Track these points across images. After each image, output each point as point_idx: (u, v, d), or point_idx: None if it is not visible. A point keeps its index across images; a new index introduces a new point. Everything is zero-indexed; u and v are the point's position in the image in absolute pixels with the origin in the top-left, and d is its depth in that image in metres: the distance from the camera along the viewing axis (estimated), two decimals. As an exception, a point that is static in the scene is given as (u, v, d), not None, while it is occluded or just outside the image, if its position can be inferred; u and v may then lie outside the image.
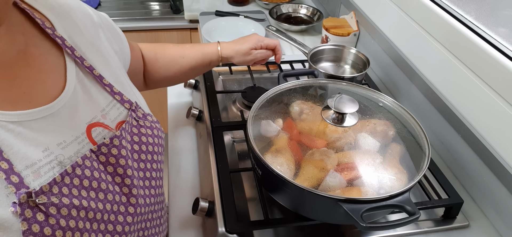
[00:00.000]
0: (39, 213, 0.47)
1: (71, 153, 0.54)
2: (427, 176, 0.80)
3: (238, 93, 1.03)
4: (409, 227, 0.73)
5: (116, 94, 0.63)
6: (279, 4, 1.61)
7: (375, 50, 1.17)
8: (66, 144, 0.54)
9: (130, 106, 0.65)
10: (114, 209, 0.56)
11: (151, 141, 0.65)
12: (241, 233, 0.68)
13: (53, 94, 0.55)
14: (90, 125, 0.58)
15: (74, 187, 0.52)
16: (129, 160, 0.59)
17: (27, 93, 0.53)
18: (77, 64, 0.60)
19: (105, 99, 0.62)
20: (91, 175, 0.54)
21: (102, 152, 0.57)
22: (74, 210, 0.51)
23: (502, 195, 0.74)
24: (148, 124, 0.66)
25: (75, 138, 0.55)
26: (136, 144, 0.63)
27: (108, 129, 0.60)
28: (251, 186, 0.81)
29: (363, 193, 0.62)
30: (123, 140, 0.59)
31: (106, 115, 0.61)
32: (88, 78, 0.61)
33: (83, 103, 0.58)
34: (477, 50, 0.76)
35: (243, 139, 0.91)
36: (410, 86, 1.01)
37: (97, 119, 0.59)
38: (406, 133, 0.73)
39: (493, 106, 0.74)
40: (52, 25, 0.59)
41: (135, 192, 0.59)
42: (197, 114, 0.95)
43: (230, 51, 0.91)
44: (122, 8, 1.89)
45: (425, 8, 0.91)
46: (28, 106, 0.51)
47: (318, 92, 0.83)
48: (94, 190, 0.54)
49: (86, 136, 0.57)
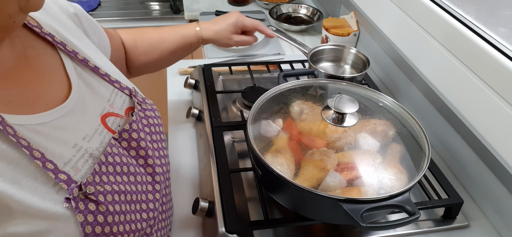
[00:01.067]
0: (91, 203, 0.50)
1: (97, 144, 0.56)
2: (427, 176, 0.80)
3: (238, 93, 1.03)
4: (409, 227, 0.73)
5: (114, 83, 0.65)
6: (279, 4, 1.61)
7: (375, 50, 1.17)
8: (90, 137, 0.56)
9: (130, 92, 0.66)
10: (143, 188, 0.59)
11: (156, 122, 0.68)
12: (241, 233, 0.68)
13: (62, 93, 0.56)
14: (103, 116, 0.60)
15: (110, 174, 0.54)
16: (148, 141, 0.62)
17: (42, 95, 0.54)
18: (72, 59, 0.60)
19: (107, 89, 0.63)
20: (120, 161, 0.56)
21: (123, 138, 0.59)
22: (116, 195, 0.53)
23: (502, 195, 0.74)
24: (149, 107, 0.68)
25: (95, 130, 0.57)
26: (146, 126, 0.65)
27: (120, 117, 0.62)
28: (251, 186, 0.81)
29: (363, 193, 0.62)
30: (139, 124, 0.62)
31: (113, 104, 0.62)
32: (86, 71, 0.61)
33: (89, 97, 0.59)
34: (477, 50, 0.76)
35: (243, 139, 0.91)
36: (410, 86, 1.01)
37: (106, 109, 0.61)
38: (406, 133, 0.73)
39: (493, 106, 0.74)
40: (38, 23, 0.59)
41: (158, 170, 0.62)
42: (197, 114, 0.95)
43: (210, 33, 0.89)
44: (122, 8, 1.89)
45: (425, 8, 0.91)
46: (46, 107, 0.53)
47: (318, 92, 0.83)
48: (125, 174, 0.57)
49: (104, 127, 0.59)
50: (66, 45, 0.60)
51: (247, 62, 1.16)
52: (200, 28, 0.88)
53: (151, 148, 0.63)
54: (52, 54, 0.59)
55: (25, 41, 0.56)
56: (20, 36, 0.56)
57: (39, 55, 0.57)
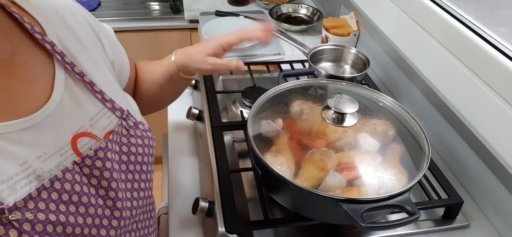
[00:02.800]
0: (12, 230, 0.46)
1: (51, 166, 0.52)
2: (427, 176, 0.80)
3: (238, 93, 1.03)
4: (409, 227, 0.73)
5: (107, 102, 0.60)
6: (279, 4, 1.61)
7: (375, 50, 1.17)
8: (47, 156, 0.52)
9: (122, 114, 0.62)
10: (96, 222, 0.54)
11: (140, 151, 0.62)
12: (241, 233, 0.68)
13: (37, 105, 0.52)
14: (76, 136, 0.55)
15: (51, 202, 0.50)
16: (114, 172, 0.57)
17: (9, 104, 0.50)
18: (67, 71, 0.57)
19: (95, 107, 0.59)
20: (71, 189, 0.52)
21: (86, 164, 0.54)
22: (50, 225, 0.49)
23: (502, 195, 0.74)
24: (139, 133, 0.63)
25: (57, 150, 0.53)
26: (124, 154, 0.60)
27: (96, 139, 0.57)
28: (251, 186, 0.81)
29: (363, 193, 0.62)
30: (109, 152, 0.57)
31: (94, 124, 0.58)
32: (78, 85, 0.58)
33: (70, 112, 0.56)
34: (477, 50, 0.76)
35: (243, 139, 0.91)
36: (410, 86, 1.01)
37: (84, 128, 0.56)
38: (406, 133, 0.73)
39: (493, 106, 0.74)
40: (43, 30, 0.56)
41: (119, 205, 0.57)
42: (197, 114, 0.95)
43: (184, 57, 0.76)
44: (122, 8, 1.89)
45: (425, 8, 0.91)
46: (9, 118, 0.49)
47: (318, 92, 0.83)
48: (74, 204, 0.52)
49: (70, 147, 0.54)
50: (66, 56, 0.57)
51: (247, 62, 1.16)
52: (175, 55, 0.77)
53: (117, 179, 0.57)
54: (45, 63, 0.56)
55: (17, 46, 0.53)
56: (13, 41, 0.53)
57: (27, 63, 0.54)
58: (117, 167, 0.58)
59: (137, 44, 1.79)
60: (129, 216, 0.59)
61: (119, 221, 0.57)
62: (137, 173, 0.61)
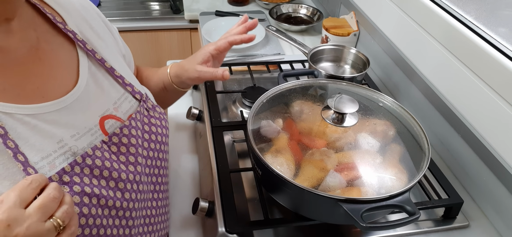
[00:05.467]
0: None
1: (84, 144, 0.56)
2: (427, 176, 0.80)
3: (238, 93, 1.03)
4: (409, 227, 0.73)
5: (127, 86, 0.66)
6: (279, 4, 1.61)
7: (375, 50, 1.17)
8: (79, 136, 0.56)
9: (141, 97, 0.67)
10: (126, 196, 0.58)
11: (160, 131, 0.68)
12: (241, 233, 0.68)
13: (65, 89, 0.57)
14: (103, 118, 0.60)
15: (85, 176, 0.54)
16: (139, 148, 0.62)
17: (41, 88, 0.55)
18: (89, 57, 0.62)
19: (117, 91, 0.64)
20: (102, 165, 0.56)
21: (113, 142, 0.59)
22: (86, 197, 0.53)
23: (502, 195, 0.74)
24: (157, 115, 0.69)
25: (88, 130, 0.57)
26: (146, 133, 0.65)
27: (120, 121, 0.62)
28: (251, 186, 0.81)
29: (363, 193, 0.62)
30: (133, 129, 0.62)
31: (118, 108, 0.63)
32: (101, 71, 0.63)
33: (96, 96, 0.60)
34: (477, 50, 0.76)
35: (243, 139, 0.91)
36: (410, 86, 1.01)
37: (109, 111, 0.61)
38: (406, 133, 0.73)
39: (493, 106, 0.74)
40: (63, 20, 0.61)
41: (145, 179, 0.62)
42: (197, 114, 0.95)
43: (177, 69, 0.80)
44: (122, 8, 1.89)
45: (425, 8, 0.91)
46: (42, 100, 0.54)
47: (318, 92, 0.83)
48: (105, 178, 0.56)
49: (99, 128, 0.59)
50: (86, 43, 0.62)
51: (247, 62, 1.16)
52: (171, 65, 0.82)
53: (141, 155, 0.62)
54: (69, 50, 0.60)
55: (42, 35, 0.58)
56: (38, 30, 0.58)
57: (53, 50, 0.58)
58: (141, 144, 0.63)
59: (137, 44, 1.79)
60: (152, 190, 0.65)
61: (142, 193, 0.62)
62: (157, 152, 0.66)
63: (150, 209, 0.66)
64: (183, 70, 0.79)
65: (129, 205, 0.59)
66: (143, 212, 0.64)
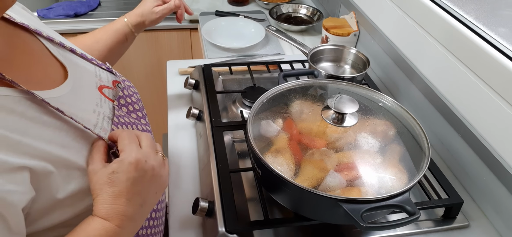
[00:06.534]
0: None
1: (107, 110, 0.61)
2: (427, 176, 0.80)
3: (238, 93, 1.03)
4: (409, 227, 0.73)
5: (92, 61, 0.68)
6: (279, 4, 1.61)
7: (375, 50, 1.17)
8: (100, 104, 0.60)
9: (107, 68, 0.70)
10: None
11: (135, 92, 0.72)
12: (241, 233, 0.68)
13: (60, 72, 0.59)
14: (99, 88, 0.63)
15: None
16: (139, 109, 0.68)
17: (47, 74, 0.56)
18: (52, 43, 0.62)
19: (90, 66, 0.66)
20: (128, 122, 0.62)
21: (122, 104, 0.64)
22: None
23: (502, 195, 0.74)
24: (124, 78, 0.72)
25: (100, 99, 0.61)
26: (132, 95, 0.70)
27: (112, 88, 0.66)
28: (251, 186, 0.81)
29: (363, 193, 0.62)
30: (125, 90, 0.67)
31: (101, 78, 0.66)
32: (67, 53, 0.64)
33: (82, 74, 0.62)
34: (477, 50, 0.76)
35: (243, 139, 0.91)
36: (410, 86, 1.01)
37: (99, 83, 0.64)
38: (406, 133, 0.73)
39: (493, 106, 0.74)
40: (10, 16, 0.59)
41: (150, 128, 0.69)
42: (197, 114, 0.95)
43: (136, 16, 0.91)
44: (122, 8, 1.88)
45: (425, 8, 0.91)
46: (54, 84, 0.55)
47: (318, 92, 0.83)
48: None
49: (104, 97, 0.62)
50: (41, 32, 0.62)
51: (247, 62, 1.16)
52: (127, 18, 0.91)
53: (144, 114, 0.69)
54: (34, 41, 0.60)
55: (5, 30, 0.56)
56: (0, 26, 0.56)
57: (25, 42, 0.58)
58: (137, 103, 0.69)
59: (137, 44, 1.78)
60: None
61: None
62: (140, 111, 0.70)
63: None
64: (142, 17, 0.91)
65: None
66: None
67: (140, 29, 0.92)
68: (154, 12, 0.91)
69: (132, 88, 0.71)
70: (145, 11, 0.91)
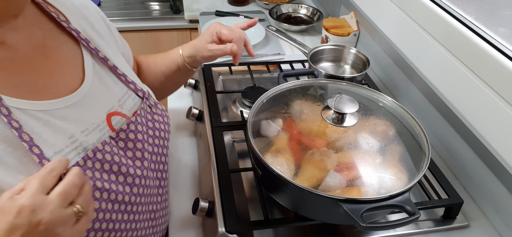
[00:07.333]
0: None
1: (94, 140, 0.57)
2: (427, 176, 0.80)
3: (238, 93, 1.03)
4: (409, 227, 0.73)
5: (130, 83, 0.67)
6: (279, 4, 1.61)
7: (375, 50, 1.17)
8: (89, 131, 0.57)
9: (143, 94, 0.68)
10: (134, 191, 0.60)
11: (163, 127, 0.69)
12: (241, 233, 0.68)
13: (73, 86, 0.58)
14: (110, 114, 0.61)
15: (96, 171, 0.55)
16: (145, 144, 0.64)
17: (50, 85, 0.56)
18: (93, 56, 0.63)
19: (121, 89, 0.65)
20: (111, 159, 0.57)
21: (120, 138, 0.60)
22: (97, 191, 0.54)
23: (502, 195, 0.74)
24: (159, 112, 0.70)
25: (96, 125, 0.58)
26: (150, 129, 0.66)
27: (126, 118, 0.63)
28: (251, 186, 0.81)
29: (363, 193, 0.62)
30: (138, 125, 0.63)
31: (122, 105, 0.64)
32: (104, 70, 0.64)
33: (101, 93, 0.61)
34: (477, 50, 0.76)
35: (243, 139, 0.91)
36: (410, 86, 1.01)
37: (115, 108, 0.62)
38: (406, 133, 0.73)
39: (493, 106, 0.74)
40: (66, 18, 0.62)
41: (151, 174, 0.64)
42: (197, 114, 0.95)
43: (190, 48, 0.86)
44: (122, 8, 1.89)
45: (425, 8, 0.91)
46: (52, 97, 0.55)
47: (318, 92, 0.83)
48: (114, 173, 0.57)
49: (107, 124, 0.60)
50: (90, 42, 0.63)
51: (247, 62, 1.16)
52: (183, 47, 0.87)
53: (147, 150, 0.64)
54: (73, 49, 0.61)
55: (47, 33, 0.59)
56: (43, 28, 0.59)
57: (59, 47, 0.59)
58: (146, 139, 0.65)
59: (137, 44, 1.79)
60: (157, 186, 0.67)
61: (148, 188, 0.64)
62: (160, 147, 0.68)
63: (155, 204, 0.68)
64: (196, 50, 0.85)
65: (137, 200, 0.60)
66: (149, 207, 0.65)
67: (193, 62, 0.86)
68: (207, 49, 0.84)
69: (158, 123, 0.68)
70: (199, 44, 0.85)
